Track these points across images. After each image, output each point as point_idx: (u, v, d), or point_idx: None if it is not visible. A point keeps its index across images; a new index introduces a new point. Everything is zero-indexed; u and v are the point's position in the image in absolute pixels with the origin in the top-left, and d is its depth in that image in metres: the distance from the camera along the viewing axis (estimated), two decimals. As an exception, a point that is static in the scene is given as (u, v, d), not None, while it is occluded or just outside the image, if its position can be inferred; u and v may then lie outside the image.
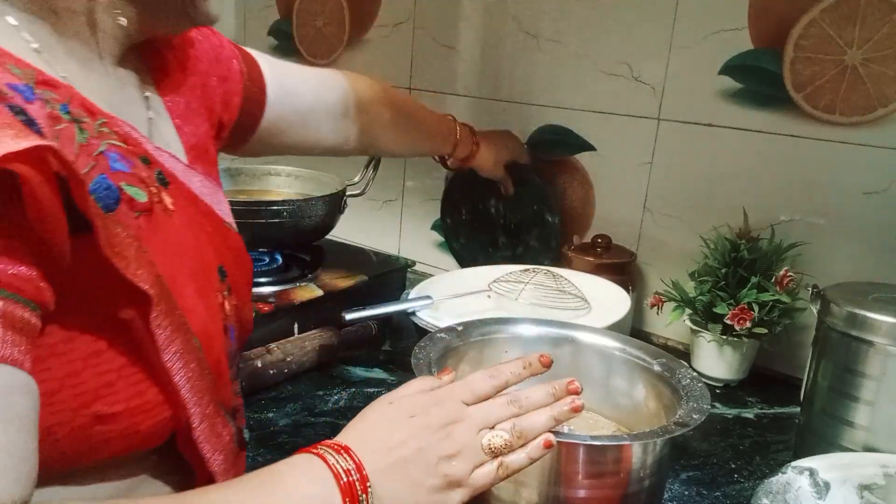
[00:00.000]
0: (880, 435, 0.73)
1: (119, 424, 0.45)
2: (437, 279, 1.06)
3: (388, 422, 0.52)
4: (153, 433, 0.48)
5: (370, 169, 1.25)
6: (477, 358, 0.76)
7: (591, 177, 1.19)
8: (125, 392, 0.45)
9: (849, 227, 0.97)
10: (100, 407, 0.44)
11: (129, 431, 0.46)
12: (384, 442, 0.50)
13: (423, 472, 0.49)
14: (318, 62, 1.52)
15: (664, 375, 0.70)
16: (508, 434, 0.53)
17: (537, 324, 0.79)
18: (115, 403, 0.45)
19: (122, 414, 0.45)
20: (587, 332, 0.78)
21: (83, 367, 0.43)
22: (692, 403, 0.64)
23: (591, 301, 0.96)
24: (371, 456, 0.49)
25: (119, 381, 0.45)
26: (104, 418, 0.44)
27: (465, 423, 0.52)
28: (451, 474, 0.50)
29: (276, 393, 0.90)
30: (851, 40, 0.93)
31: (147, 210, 0.49)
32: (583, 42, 1.15)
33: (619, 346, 0.76)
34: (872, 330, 0.72)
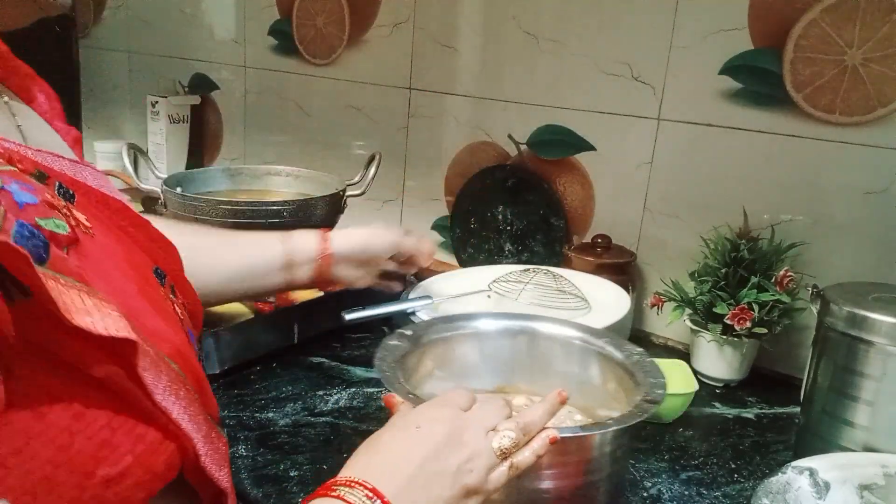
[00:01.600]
0: (880, 435, 0.73)
1: (133, 477, 0.42)
2: (437, 279, 1.06)
3: (396, 442, 0.51)
4: (168, 468, 0.45)
5: (370, 169, 1.25)
6: (442, 356, 0.77)
7: (591, 177, 1.19)
8: (126, 443, 0.41)
9: (849, 227, 0.97)
10: (105, 470, 0.40)
11: (146, 478, 0.43)
12: (398, 463, 0.50)
13: (441, 485, 0.49)
14: (318, 62, 1.52)
15: (614, 356, 0.73)
16: (514, 433, 0.54)
17: (496, 317, 0.81)
18: (121, 459, 0.41)
19: (131, 466, 0.41)
20: (544, 323, 0.80)
21: (70, 438, 0.39)
22: (650, 379, 0.67)
23: (591, 301, 0.96)
24: (386, 479, 0.48)
25: (114, 434, 0.41)
26: (114, 479, 0.40)
27: (472, 428, 0.52)
28: (470, 483, 0.50)
29: (275, 393, 0.90)
30: (851, 40, 0.93)
31: (74, 241, 0.43)
32: (583, 42, 1.15)
33: (577, 335, 0.78)
34: (872, 330, 0.72)
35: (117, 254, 0.49)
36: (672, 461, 0.80)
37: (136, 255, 0.51)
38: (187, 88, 1.79)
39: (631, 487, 0.75)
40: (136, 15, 1.90)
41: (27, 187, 0.42)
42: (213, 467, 0.48)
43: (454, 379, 0.78)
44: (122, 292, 0.45)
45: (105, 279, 0.44)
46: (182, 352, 0.48)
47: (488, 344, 0.77)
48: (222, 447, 0.51)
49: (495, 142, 1.28)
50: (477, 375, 0.79)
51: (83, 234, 0.45)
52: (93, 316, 0.39)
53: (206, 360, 0.90)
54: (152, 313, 0.48)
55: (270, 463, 0.75)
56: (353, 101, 1.48)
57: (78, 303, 0.39)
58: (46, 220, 0.41)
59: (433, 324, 0.79)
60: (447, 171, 1.36)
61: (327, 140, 1.54)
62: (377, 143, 1.45)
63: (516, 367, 0.79)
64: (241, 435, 0.80)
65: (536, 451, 0.54)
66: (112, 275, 0.46)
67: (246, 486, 0.71)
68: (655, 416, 0.88)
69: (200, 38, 1.75)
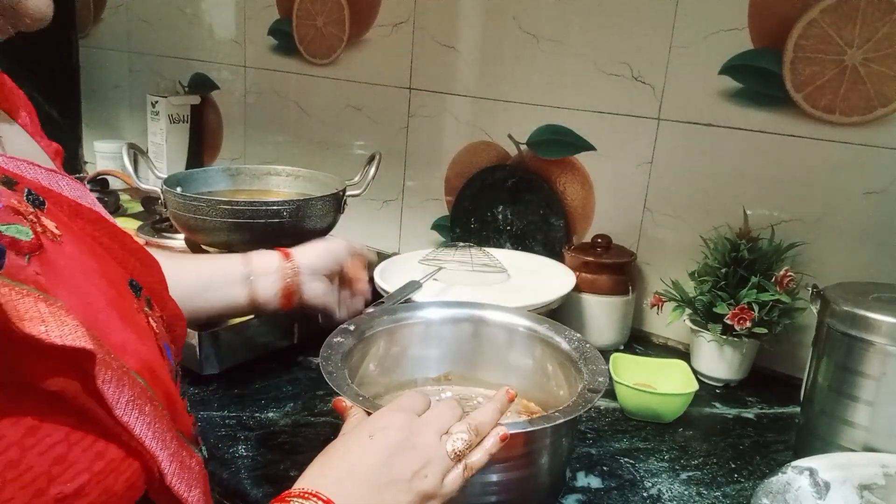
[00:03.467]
0: (880, 435, 0.73)
1: (89, 497, 0.40)
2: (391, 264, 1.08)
3: (349, 451, 0.51)
4: (130, 488, 0.43)
5: (370, 169, 1.25)
6: (387, 348, 0.79)
7: (591, 177, 1.19)
8: (83, 460, 0.39)
9: (849, 227, 0.97)
10: (59, 489, 0.38)
11: (103, 498, 0.41)
12: (352, 472, 0.50)
13: (397, 493, 0.50)
14: (318, 62, 1.52)
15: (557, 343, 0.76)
16: (467, 434, 0.54)
17: (441, 306, 0.84)
18: (76, 477, 0.39)
19: (88, 484, 0.40)
20: (489, 311, 0.82)
21: (21, 453, 0.37)
22: (591, 366, 0.70)
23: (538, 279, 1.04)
24: (341, 489, 0.48)
25: (70, 451, 0.39)
26: (69, 499, 0.39)
27: (424, 433, 0.53)
28: (425, 489, 0.51)
29: (276, 393, 0.90)
30: (851, 40, 0.93)
31: (37, 248, 0.41)
32: (583, 42, 1.15)
33: (522, 322, 0.80)
34: (872, 330, 0.72)
35: (88, 264, 0.47)
36: (672, 461, 0.80)
37: (108, 267, 0.50)
38: (187, 88, 1.79)
39: (631, 487, 0.75)
40: (136, 15, 1.90)
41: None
42: (182, 487, 0.46)
43: (399, 370, 0.79)
44: (88, 303, 0.44)
45: (70, 289, 0.43)
46: (152, 367, 0.47)
47: (433, 333, 0.79)
48: (195, 466, 0.49)
49: (495, 142, 1.29)
50: (422, 365, 0.81)
51: (50, 242, 0.43)
52: (48, 325, 0.37)
53: (206, 361, 0.90)
54: (121, 326, 0.46)
55: (270, 463, 0.75)
56: (353, 101, 1.48)
57: (32, 311, 0.37)
58: (7, 227, 0.40)
59: (376, 316, 0.80)
60: (447, 171, 1.36)
61: (327, 140, 1.54)
62: (377, 143, 1.45)
63: (461, 356, 0.82)
64: (241, 435, 0.80)
65: (489, 450, 0.55)
66: (79, 285, 0.44)
67: (246, 486, 0.71)
68: (655, 415, 0.88)
69: (200, 38, 1.75)
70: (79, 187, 0.53)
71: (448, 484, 0.53)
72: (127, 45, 1.94)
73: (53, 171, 0.51)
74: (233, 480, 0.72)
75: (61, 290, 0.41)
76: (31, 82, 2.09)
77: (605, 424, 0.87)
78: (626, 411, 0.90)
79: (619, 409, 0.91)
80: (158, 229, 1.35)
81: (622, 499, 0.73)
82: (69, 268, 0.44)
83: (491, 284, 1.04)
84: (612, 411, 0.91)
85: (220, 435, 0.80)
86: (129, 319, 0.47)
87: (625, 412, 0.90)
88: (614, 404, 0.91)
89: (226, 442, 0.78)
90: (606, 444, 0.83)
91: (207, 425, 0.81)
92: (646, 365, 0.94)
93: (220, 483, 0.73)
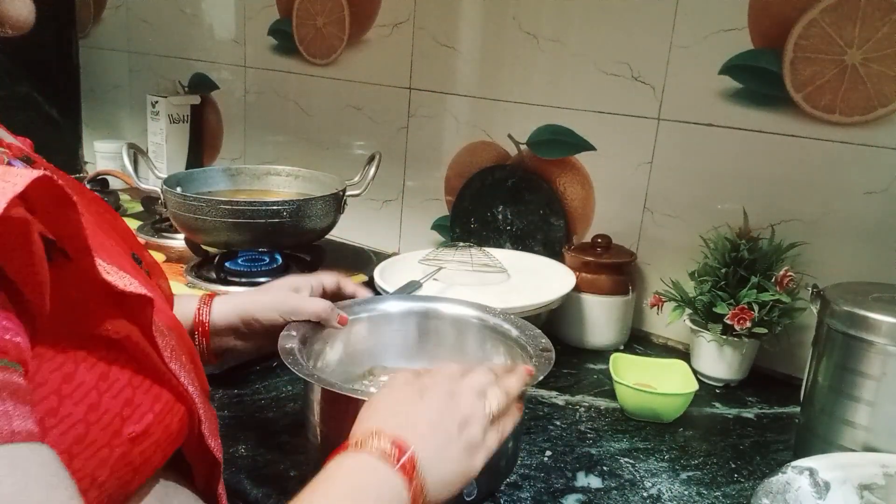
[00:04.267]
0: (880, 435, 0.73)
1: (154, 436, 0.43)
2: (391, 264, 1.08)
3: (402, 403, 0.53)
4: (181, 430, 0.47)
5: (370, 169, 1.25)
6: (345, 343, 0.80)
7: (591, 177, 1.19)
8: (146, 402, 0.43)
9: (849, 227, 0.97)
10: (131, 428, 0.42)
11: (163, 437, 0.44)
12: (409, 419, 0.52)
13: (448, 442, 0.52)
14: (318, 62, 1.52)
15: (508, 332, 0.78)
16: (503, 396, 0.57)
17: (399, 299, 0.86)
18: (143, 417, 0.43)
19: (152, 424, 0.43)
20: (447, 304, 0.84)
21: (98, 397, 0.40)
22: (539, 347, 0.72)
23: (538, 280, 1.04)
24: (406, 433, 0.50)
25: (135, 393, 0.43)
26: (139, 438, 0.42)
27: (465, 392, 0.56)
28: (471, 440, 0.53)
29: (276, 393, 0.90)
30: (851, 40, 0.93)
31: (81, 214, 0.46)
32: (583, 42, 1.15)
33: (475, 314, 0.82)
34: (872, 330, 0.72)
35: (105, 235, 0.51)
36: (672, 461, 0.80)
37: (115, 239, 0.53)
38: (187, 88, 1.79)
39: (631, 487, 0.75)
40: (136, 15, 1.90)
41: (26, 166, 0.44)
42: (210, 437, 0.51)
43: (357, 364, 0.81)
44: (121, 265, 0.47)
45: (106, 251, 0.46)
46: (175, 325, 0.51)
47: (389, 326, 0.79)
48: (214, 419, 0.54)
49: (495, 142, 1.29)
50: (380, 357, 0.82)
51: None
52: (113, 277, 0.41)
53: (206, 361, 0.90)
54: (147, 287, 0.48)
55: (270, 463, 0.75)
56: (353, 101, 1.48)
57: (99, 264, 0.41)
58: None
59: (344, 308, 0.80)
60: (447, 171, 1.36)
61: (327, 140, 1.54)
62: (377, 143, 1.45)
63: (417, 348, 0.83)
64: (241, 435, 0.80)
65: (514, 420, 0.59)
66: (109, 249, 0.48)
67: (246, 486, 0.71)
68: (655, 415, 0.88)
69: (200, 38, 1.75)
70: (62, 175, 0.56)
71: (489, 439, 0.55)
72: (127, 45, 1.94)
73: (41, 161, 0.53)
74: (233, 480, 0.72)
75: (101, 252, 0.44)
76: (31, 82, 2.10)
77: (605, 424, 0.88)
78: (626, 411, 0.90)
79: (619, 409, 0.91)
80: (158, 229, 1.35)
81: (622, 499, 0.73)
82: (96, 234, 0.47)
83: (491, 284, 1.04)
84: (612, 411, 0.91)
85: (221, 435, 0.79)
86: (146, 282, 0.51)
87: (625, 412, 0.90)
88: (614, 404, 0.91)
89: (226, 442, 0.78)
90: (606, 444, 0.83)
91: (207, 425, 0.82)
92: (646, 365, 0.94)
93: (220, 483, 0.73)
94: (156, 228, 1.35)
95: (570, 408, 0.91)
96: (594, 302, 1.06)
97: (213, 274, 1.09)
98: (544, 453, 0.80)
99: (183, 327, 0.54)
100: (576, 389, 0.96)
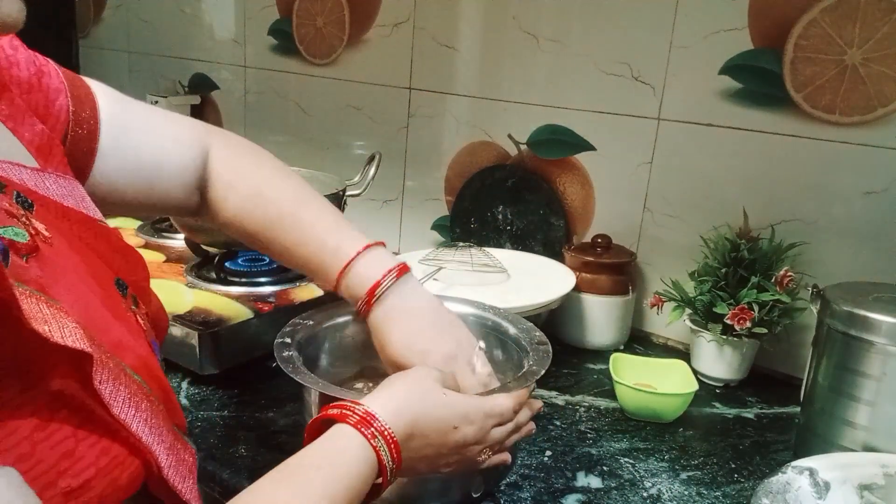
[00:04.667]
0: (880, 435, 0.73)
1: (95, 490, 0.40)
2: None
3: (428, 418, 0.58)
4: (132, 481, 0.44)
5: (370, 169, 1.25)
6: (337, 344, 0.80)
7: (591, 177, 1.19)
8: (89, 456, 0.40)
9: (849, 227, 0.97)
10: (67, 481, 0.39)
11: (109, 491, 0.42)
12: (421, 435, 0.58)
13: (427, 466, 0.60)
14: (317, 62, 1.52)
15: (505, 330, 0.80)
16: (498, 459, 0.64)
17: None
18: (84, 471, 0.40)
19: (94, 478, 0.40)
20: (447, 304, 0.82)
21: (31, 447, 0.38)
22: (534, 342, 0.74)
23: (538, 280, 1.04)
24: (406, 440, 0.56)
25: (78, 446, 0.40)
26: (76, 492, 0.39)
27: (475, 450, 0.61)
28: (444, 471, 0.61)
29: (276, 393, 0.90)
30: (851, 40, 0.93)
31: (33, 250, 0.42)
32: (583, 42, 1.15)
33: (473, 312, 0.83)
34: (872, 330, 0.72)
35: (78, 265, 0.47)
36: (672, 461, 0.80)
37: (96, 267, 0.50)
38: (187, 88, 1.79)
39: (631, 487, 0.75)
40: (136, 15, 1.90)
41: None
42: (177, 479, 0.47)
43: (350, 364, 0.81)
44: (84, 303, 0.45)
45: (66, 289, 0.43)
46: (146, 363, 0.48)
47: None
48: (188, 458, 0.50)
49: (495, 142, 1.29)
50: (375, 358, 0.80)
51: (43, 244, 0.44)
52: (50, 325, 0.38)
53: (206, 361, 0.90)
54: (115, 325, 0.47)
55: (270, 463, 0.75)
56: (353, 101, 1.48)
57: (36, 311, 0.38)
58: (5, 229, 0.40)
59: (313, 315, 0.80)
60: (447, 171, 1.36)
61: (327, 140, 1.54)
62: (377, 143, 1.45)
63: None
64: (241, 435, 0.80)
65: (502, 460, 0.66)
66: (74, 285, 0.45)
67: (245, 486, 0.71)
68: (655, 415, 0.88)
69: (200, 38, 1.75)
70: (66, 184, 0.53)
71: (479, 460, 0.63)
72: (127, 45, 1.94)
73: (38, 169, 0.51)
74: (233, 480, 0.72)
75: (59, 291, 0.42)
76: (31, 82, 2.06)
77: (605, 424, 0.88)
78: (626, 411, 0.90)
79: (619, 409, 0.91)
80: (158, 229, 1.35)
81: (622, 499, 0.73)
82: (63, 268, 0.44)
83: (491, 284, 1.04)
84: (612, 411, 0.91)
85: (220, 435, 0.80)
86: (120, 318, 0.48)
87: (625, 412, 0.90)
88: (614, 404, 0.91)
89: (226, 442, 0.78)
90: (606, 444, 0.83)
91: (207, 425, 0.81)
92: (646, 365, 0.94)
93: (220, 483, 0.73)
94: (156, 228, 1.35)
95: (570, 408, 0.91)
96: (594, 302, 1.06)
97: (213, 274, 1.09)
98: (544, 453, 0.80)
99: (154, 362, 0.50)
100: (576, 389, 0.96)
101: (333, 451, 0.53)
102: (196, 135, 0.70)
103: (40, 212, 0.47)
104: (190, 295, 1.00)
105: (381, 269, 0.68)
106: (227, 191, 0.70)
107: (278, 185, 0.72)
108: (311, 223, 0.70)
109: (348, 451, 0.53)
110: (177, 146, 0.68)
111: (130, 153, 0.64)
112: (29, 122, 0.54)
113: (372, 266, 0.68)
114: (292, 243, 0.70)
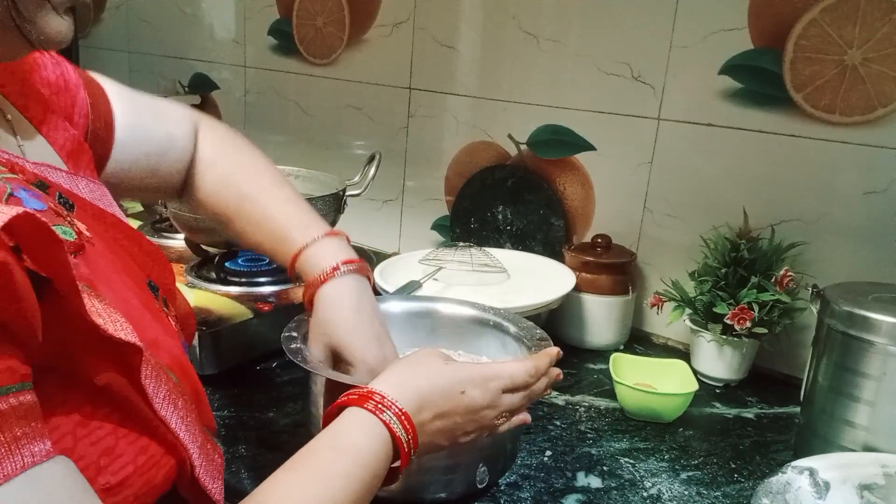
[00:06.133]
0: (880, 435, 0.73)
1: (132, 488, 0.41)
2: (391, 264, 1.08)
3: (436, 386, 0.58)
4: (166, 480, 0.45)
5: (370, 169, 1.25)
6: None
7: (591, 177, 1.19)
8: (128, 453, 0.41)
9: (849, 227, 0.97)
10: (106, 479, 0.40)
11: (144, 489, 0.43)
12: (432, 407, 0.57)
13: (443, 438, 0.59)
14: (317, 62, 1.52)
15: (506, 329, 0.81)
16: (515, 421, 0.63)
17: (399, 299, 0.88)
18: (122, 469, 0.41)
19: (132, 476, 0.41)
20: (447, 304, 0.86)
21: (74, 442, 0.39)
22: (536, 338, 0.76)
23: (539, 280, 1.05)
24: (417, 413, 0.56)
25: (118, 443, 0.41)
26: (114, 489, 0.40)
27: (492, 414, 0.60)
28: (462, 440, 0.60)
29: (276, 393, 0.90)
30: (851, 40, 0.93)
31: (80, 248, 0.44)
32: (583, 42, 1.15)
33: (475, 313, 0.84)
34: (872, 330, 0.72)
35: (116, 265, 0.49)
36: (672, 461, 0.80)
37: (131, 268, 0.52)
38: (187, 88, 1.79)
39: (631, 487, 0.75)
40: (136, 15, 1.90)
41: (34, 195, 0.43)
42: (208, 480, 0.48)
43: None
44: (125, 301, 0.46)
45: (110, 287, 0.45)
46: (181, 363, 0.49)
47: (389, 326, 0.79)
48: (217, 459, 0.51)
49: (495, 142, 1.29)
50: None
51: (86, 243, 0.45)
52: (104, 319, 0.40)
53: (206, 361, 0.90)
54: (153, 324, 0.48)
55: (270, 463, 0.75)
56: (353, 101, 1.48)
57: (89, 305, 0.39)
58: (55, 227, 0.41)
59: None
60: (447, 171, 1.36)
61: (327, 140, 1.54)
62: (377, 143, 1.45)
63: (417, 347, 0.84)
64: (241, 435, 0.80)
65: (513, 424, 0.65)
66: (114, 284, 0.46)
67: (246, 486, 0.71)
68: (655, 415, 0.88)
69: (200, 38, 1.75)
70: (96, 188, 0.55)
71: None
72: (127, 45, 1.94)
73: (71, 173, 0.52)
74: (233, 480, 0.72)
75: (103, 288, 0.43)
76: (31, 82, 2.06)
77: (605, 424, 0.88)
78: (626, 411, 0.90)
79: (619, 409, 0.91)
80: (158, 229, 1.35)
81: (622, 499, 0.73)
82: (104, 267, 0.46)
83: (491, 284, 1.04)
84: (612, 411, 0.91)
85: (220, 435, 0.80)
86: (156, 317, 0.50)
87: (625, 412, 0.90)
88: (614, 404, 0.91)
89: (226, 442, 0.78)
90: (606, 444, 0.83)
91: (207, 425, 0.82)
92: (646, 365, 0.94)
93: (220, 483, 0.73)
94: (156, 228, 1.35)
95: (570, 408, 0.91)
96: (594, 302, 1.06)
97: (213, 274, 1.09)
98: (544, 453, 0.80)
99: (188, 362, 0.51)
100: (576, 389, 0.96)
101: (343, 430, 0.53)
102: (190, 120, 0.74)
103: (79, 213, 0.49)
104: (190, 295, 1.00)
105: (350, 254, 0.70)
106: (207, 169, 0.73)
107: (258, 168, 0.75)
108: (284, 200, 0.73)
109: (357, 428, 0.53)
110: (180, 132, 0.71)
111: (143, 142, 0.67)
112: (61, 126, 0.56)
113: (342, 248, 0.71)
114: (261, 216, 0.72)
